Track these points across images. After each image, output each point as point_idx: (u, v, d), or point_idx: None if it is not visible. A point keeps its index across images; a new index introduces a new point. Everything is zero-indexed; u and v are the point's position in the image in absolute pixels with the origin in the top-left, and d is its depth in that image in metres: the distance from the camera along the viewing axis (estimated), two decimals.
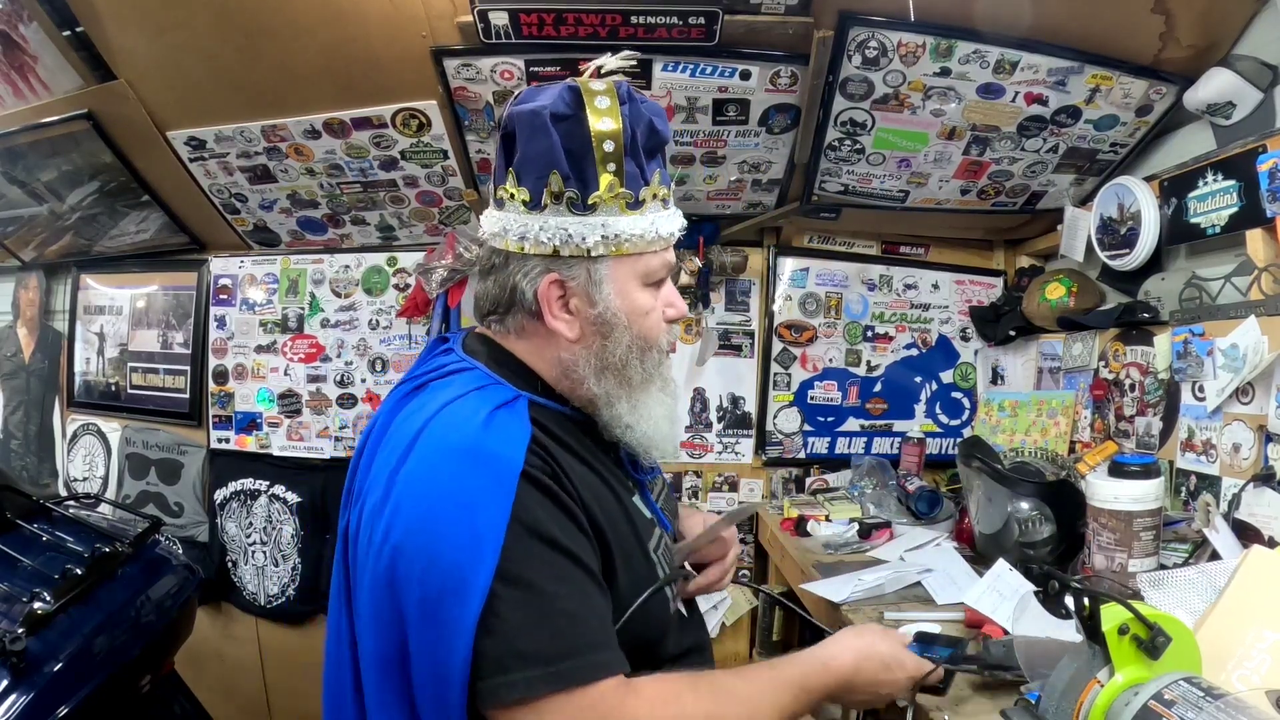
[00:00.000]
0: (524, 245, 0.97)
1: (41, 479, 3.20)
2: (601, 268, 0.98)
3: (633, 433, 1.02)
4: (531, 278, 0.98)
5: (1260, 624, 1.09)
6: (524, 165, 0.97)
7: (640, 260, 1.00)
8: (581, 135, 0.95)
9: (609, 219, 0.96)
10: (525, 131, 0.96)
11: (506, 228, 0.99)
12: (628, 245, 0.98)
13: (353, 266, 2.75)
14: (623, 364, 1.00)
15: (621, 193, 0.96)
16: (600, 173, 0.95)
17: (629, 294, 1.00)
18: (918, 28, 1.86)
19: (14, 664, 1.62)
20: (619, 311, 0.99)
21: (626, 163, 0.96)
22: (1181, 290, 1.90)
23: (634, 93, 1.00)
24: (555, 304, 0.99)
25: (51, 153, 2.52)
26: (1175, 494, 1.83)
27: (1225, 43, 1.84)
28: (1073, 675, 0.92)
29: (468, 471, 0.87)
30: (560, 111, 0.95)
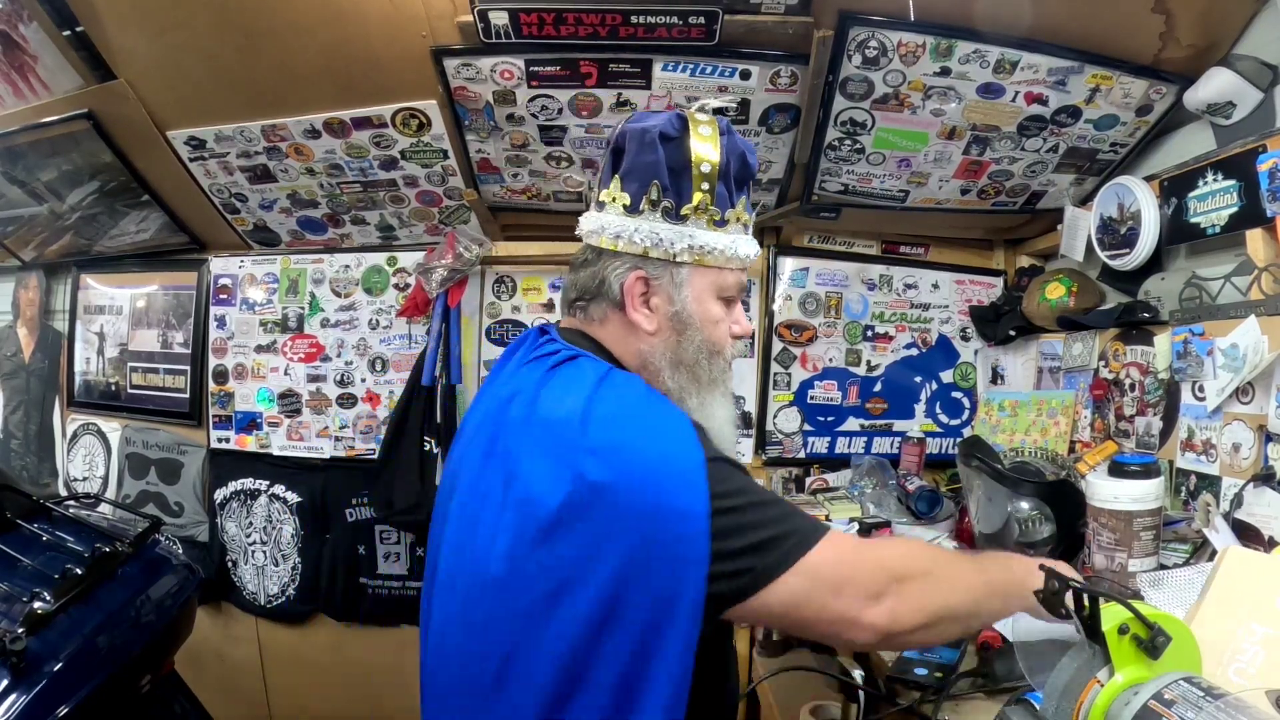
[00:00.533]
0: (617, 244, 1.10)
1: (41, 479, 3.20)
2: (683, 273, 1.10)
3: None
4: (619, 272, 1.10)
5: (1248, 619, 1.09)
6: (629, 174, 1.10)
7: (718, 274, 1.12)
8: (683, 155, 1.08)
9: (696, 231, 1.09)
10: (634, 145, 1.09)
11: (604, 226, 1.12)
12: (709, 258, 1.10)
13: (353, 266, 2.75)
14: (694, 362, 1.11)
15: (710, 210, 1.09)
16: (694, 189, 1.08)
17: (704, 301, 1.12)
18: (918, 27, 1.86)
19: (14, 664, 1.62)
20: (694, 314, 1.11)
21: (719, 185, 1.09)
22: (1181, 290, 1.89)
23: (732, 128, 1.12)
24: (637, 298, 1.10)
25: (51, 152, 2.52)
26: (1175, 494, 1.83)
27: (1225, 42, 1.84)
28: (1072, 675, 0.92)
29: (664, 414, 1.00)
30: (668, 133, 1.08)
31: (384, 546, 2.76)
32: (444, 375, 2.57)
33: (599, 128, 2.17)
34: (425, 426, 2.55)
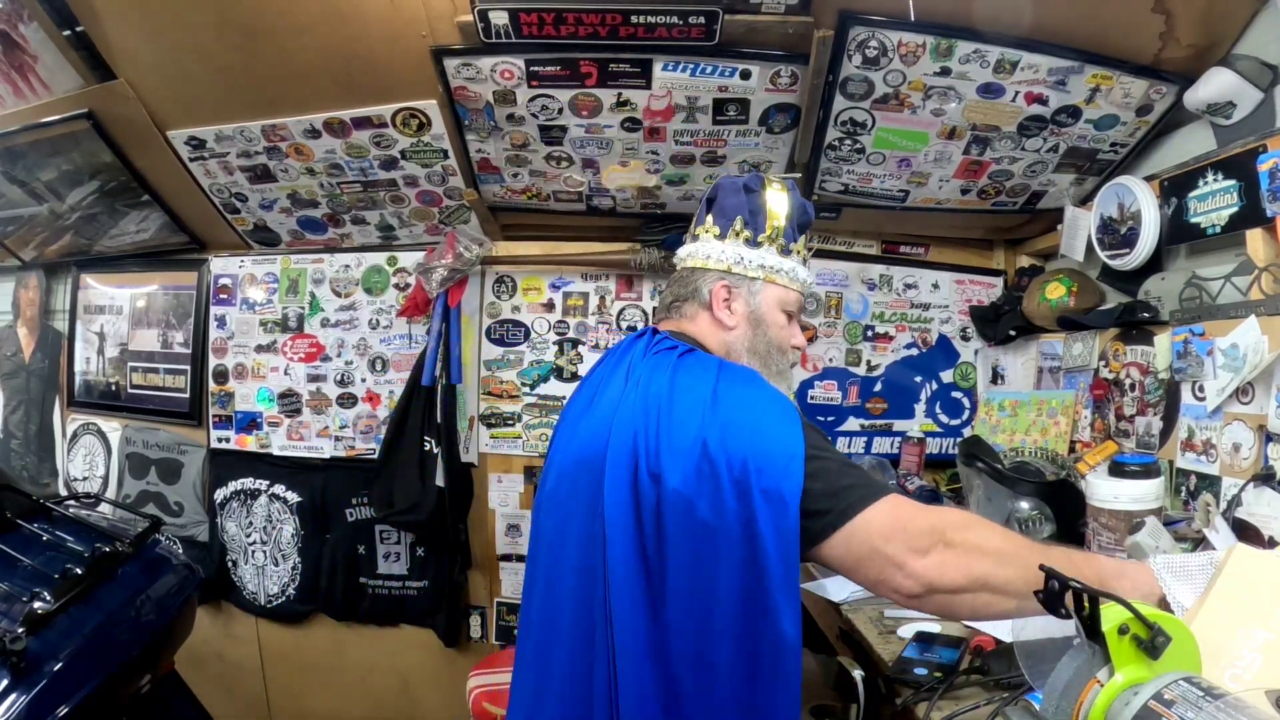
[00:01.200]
0: (708, 262, 1.39)
1: (41, 478, 3.20)
2: (758, 285, 1.39)
3: None
4: (709, 281, 1.39)
5: (1250, 623, 1.09)
6: (719, 212, 1.41)
7: (784, 291, 1.40)
8: (758, 204, 1.39)
9: (768, 256, 1.39)
10: (726, 192, 1.41)
11: (696, 251, 1.41)
12: (777, 276, 1.39)
13: (353, 266, 2.75)
14: (767, 350, 1.38)
15: (779, 241, 1.40)
16: (767, 225, 1.39)
17: (772, 309, 1.40)
18: (918, 27, 1.86)
19: (14, 663, 1.62)
20: (765, 316, 1.39)
21: (785, 225, 1.40)
22: (1181, 290, 1.89)
23: (796, 187, 1.45)
24: (721, 301, 1.38)
25: (51, 152, 2.52)
26: (1175, 494, 1.83)
27: (1225, 42, 1.84)
28: (1072, 675, 0.92)
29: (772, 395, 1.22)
30: (751, 186, 1.40)
31: (384, 546, 2.76)
32: (444, 375, 2.57)
33: (599, 127, 2.17)
34: (425, 426, 2.55)
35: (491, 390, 2.72)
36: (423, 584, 2.75)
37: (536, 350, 2.70)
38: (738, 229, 1.39)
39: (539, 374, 2.70)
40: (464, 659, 2.72)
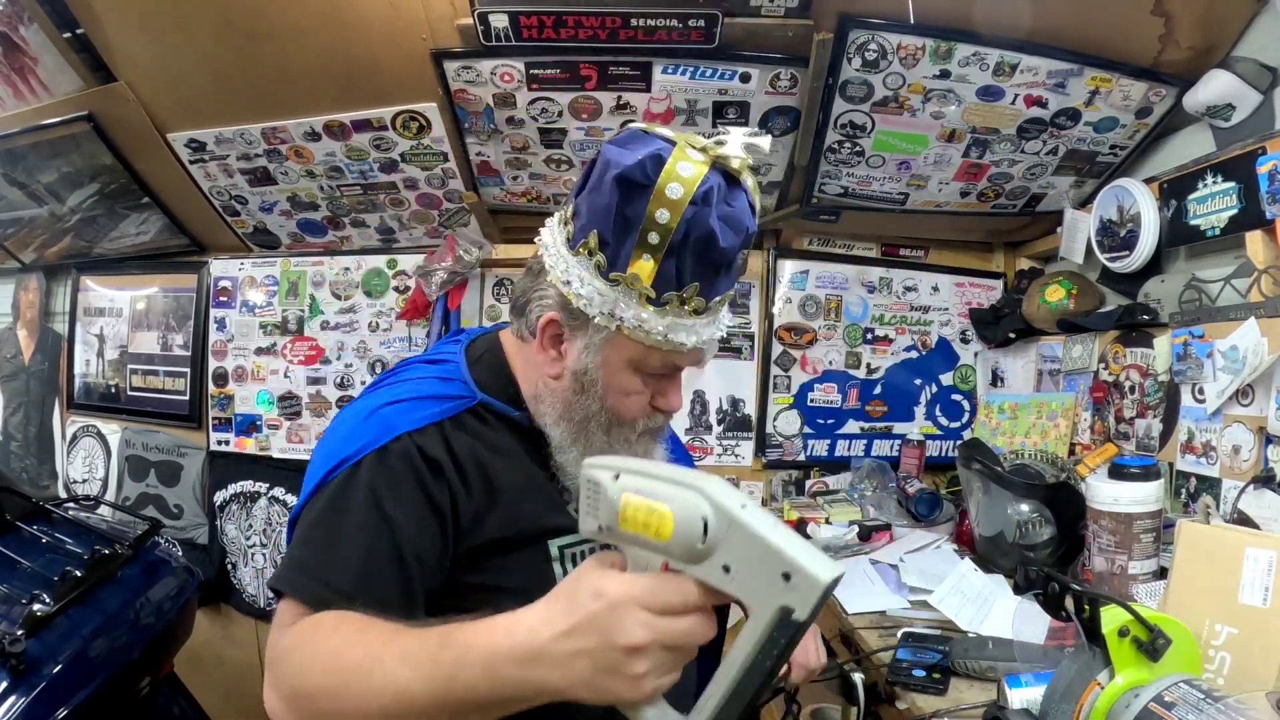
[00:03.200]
0: (551, 270, 0.98)
1: (41, 481, 3.20)
2: (599, 337, 0.97)
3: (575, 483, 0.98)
4: (541, 305, 1.00)
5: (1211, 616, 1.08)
6: (581, 205, 0.97)
7: (641, 349, 0.97)
8: (638, 211, 0.91)
9: (623, 300, 0.94)
10: (596, 177, 0.95)
11: (550, 244, 1.00)
12: (632, 333, 0.96)
13: (353, 269, 2.75)
14: (585, 423, 1.01)
15: (643, 288, 0.93)
16: (635, 256, 0.92)
17: (616, 372, 0.99)
18: (917, 30, 1.86)
19: (13, 665, 1.62)
20: (598, 381, 0.99)
21: (665, 261, 0.92)
22: (1181, 292, 1.90)
23: (716, 195, 0.92)
24: (548, 340, 1.01)
25: (52, 154, 2.52)
26: (1175, 496, 1.83)
27: (1224, 45, 1.84)
28: (1073, 677, 0.92)
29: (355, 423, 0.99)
30: (633, 178, 0.91)
31: None
32: None
33: (599, 130, 2.17)
34: None
35: None
36: None
37: None
38: (591, 246, 0.94)
39: None
40: None
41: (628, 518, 0.68)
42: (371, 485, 0.92)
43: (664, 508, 0.66)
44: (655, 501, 0.66)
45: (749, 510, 0.64)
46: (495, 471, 0.99)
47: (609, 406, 1.00)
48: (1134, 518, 1.56)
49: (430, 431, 0.97)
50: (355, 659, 0.79)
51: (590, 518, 0.72)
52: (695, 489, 0.65)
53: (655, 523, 0.66)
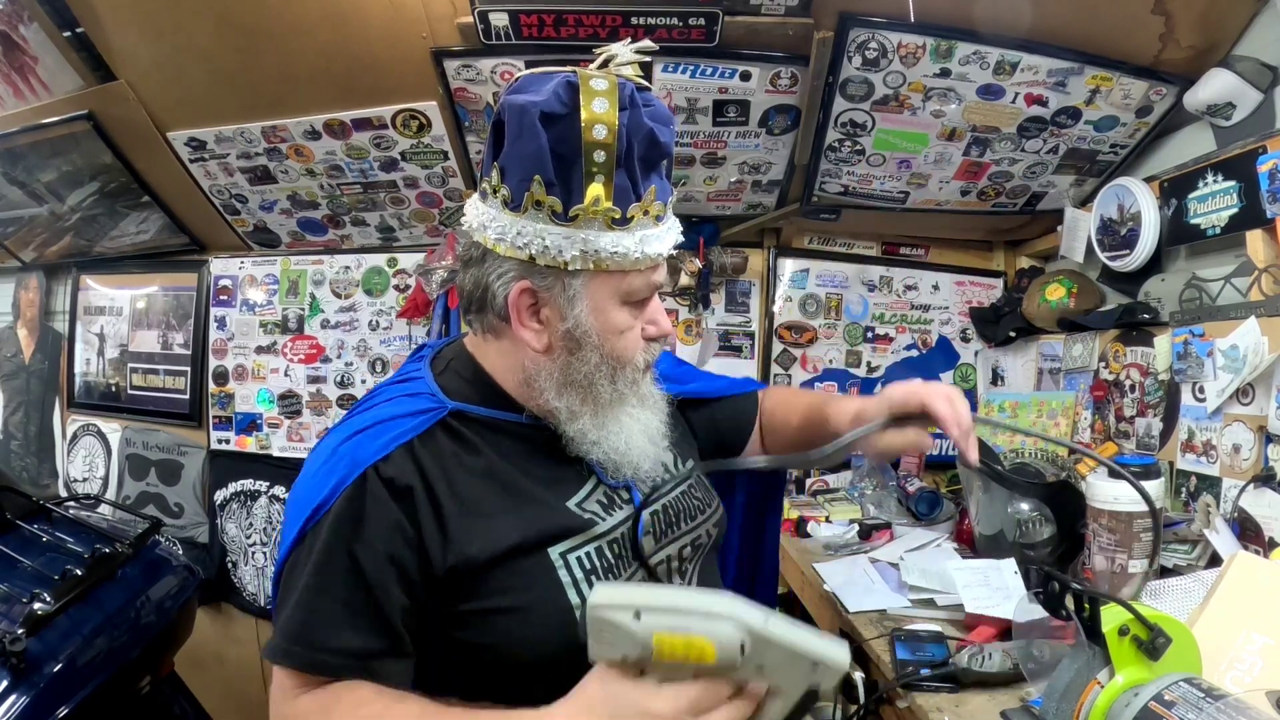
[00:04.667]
0: (500, 246, 0.93)
1: (41, 480, 3.20)
2: (577, 282, 0.93)
3: (599, 449, 1.00)
4: (504, 281, 0.94)
5: (1249, 627, 1.09)
6: (508, 162, 0.91)
7: (622, 279, 0.94)
8: (572, 140, 0.87)
9: (591, 234, 0.90)
10: (514, 127, 0.89)
11: (485, 223, 0.94)
12: (609, 263, 0.92)
13: (353, 267, 2.75)
14: (589, 381, 0.97)
15: (607, 208, 0.89)
16: (587, 183, 0.88)
17: (604, 311, 0.95)
18: (918, 29, 1.86)
19: (14, 664, 1.62)
20: (591, 329, 0.94)
21: (618, 175, 0.90)
22: (1181, 291, 1.89)
23: (638, 97, 0.92)
24: (525, 313, 0.95)
25: (52, 153, 2.52)
26: (1175, 495, 1.82)
27: (1225, 44, 1.84)
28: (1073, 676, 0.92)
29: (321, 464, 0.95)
30: (553, 110, 0.87)
31: None
32: None
33: None
34: None
35: None
36: None
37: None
38: (538, 195, 0.89)
39: None
40: None
41: (664, 653, 0.74)
42: (338, 533, 0.90)
43: (703, 640, 0.73)
44: (692, 635, 0.73)
45: (772, 623, 0.74)
46: (477, 487, 0.95)
47: (608, 353, 0.96)
48: (1134, 517, 1.55)
49: (396, 457, 0.93)
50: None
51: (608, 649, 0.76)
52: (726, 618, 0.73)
53: (696, 654, 0.73)
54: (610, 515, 1.02)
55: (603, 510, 1.02)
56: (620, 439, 1.00)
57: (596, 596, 0.76)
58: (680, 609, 0.74)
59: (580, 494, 1.02)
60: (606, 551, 1.00)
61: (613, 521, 1.02)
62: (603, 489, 1.04)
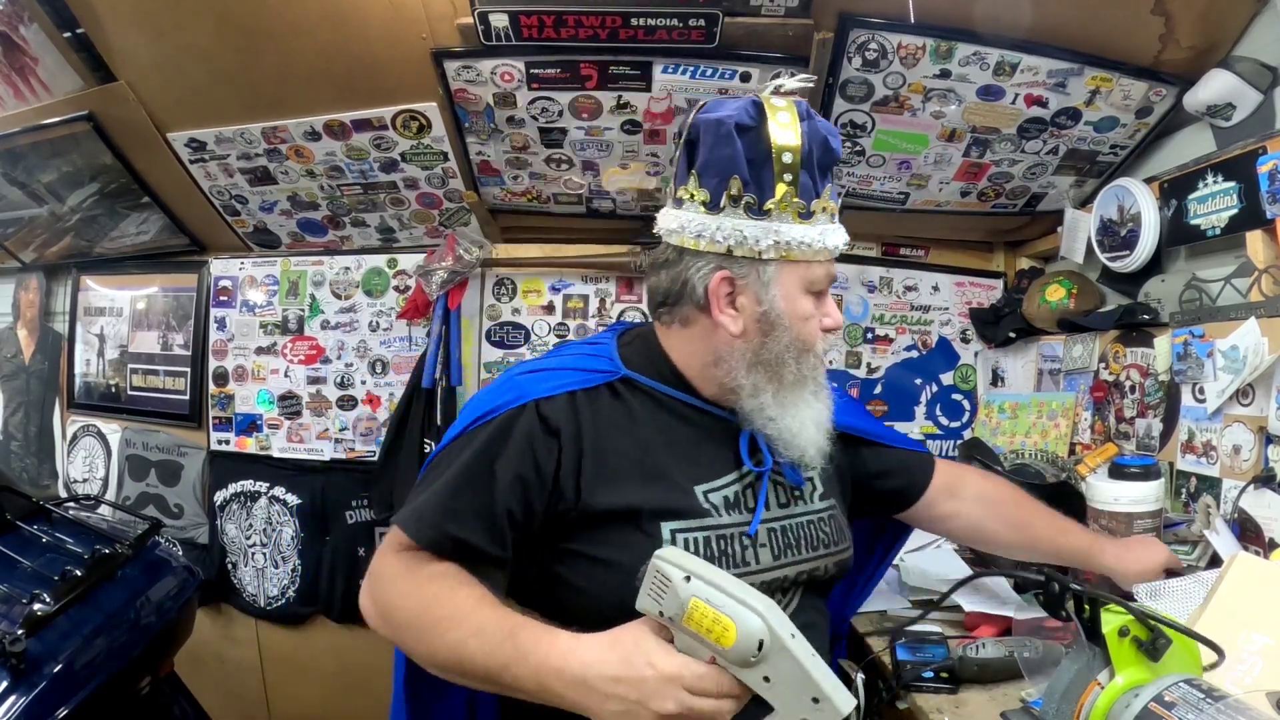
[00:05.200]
0: (699, 243, 1.05)
1: (41, 480, 3.19)
2: (770, 270, 1.05)
3: (774, 425, 1.09)
4: (704, 274, 1.06)
5: (1249, 627, 1.09)
6: (706, 169, 1.05)
7: (807, 269, 1.07)
8: (762, 146, 1.02)
9: (781, 225, 1.04)
10: (710, 138, 1.04)
11: (684, 225, 1.07)
12: (797, 252, 1.05)
13: (353, 268, 2.75)
14: (778, 361, 1.07)
15: (795, 202, 1.03)
16: (776, 182, 1.03)
17: (793, 298, 1.07)
18: (918, 29, 1.86)
19: (13, 665, 1.62)
20: (782, 313, 1.06)
21: (802, 175, 1.03)
22: (1182, 292, 1.90)
23: (811, 111, 1.06)
24: (723, 299, 1.06)
25: (52, 154, 2.52)
26: (1175, 495, 1.83)
27: (1225, 44, 1.84)
28: (1073, 677, 0.92)
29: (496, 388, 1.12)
30: (744, 122, 1.03)
31: None
32: (444, 377, 2.57)
33: (599, 130, 2.17)
34: (425, 429, 2.54)
35: None
36: None
37: (536, 353, 2.70)
38: (735, 193, 1.03)
39: None
40: None
41: (693, 619, 0.80)
42: (489, 442, 1.04)
43: (729, 621, 0.78)
44: (721, 614, 0.78)
45: (796, 640, 0.77)
46: (620, 447, 1.06)
47: (796, 336, 1.07)
48: (1134, 517, 1.56)
49: (559, 400, 1.06)
50: (442, 613, 0.95)
51: (652, 601, 0.83)
52: (757, 612, 0.77)
53: (719, 631, 0.78)
54: (730, 514, 1.09)
55: (725, 508, 1.09)
56: (795, 420, 1.09)
57: (665, 551, 0.85)
58: (724, 589, 0.80)
59: (715, 483, 1.10)
60: (715, 542, 1.07)
61: (730, 519, 1.09)
62: (737, 488, 1.11)
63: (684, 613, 0.80)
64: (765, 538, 1.11)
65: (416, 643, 0.98)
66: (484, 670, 0.91)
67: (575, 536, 1.05)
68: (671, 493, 1.06)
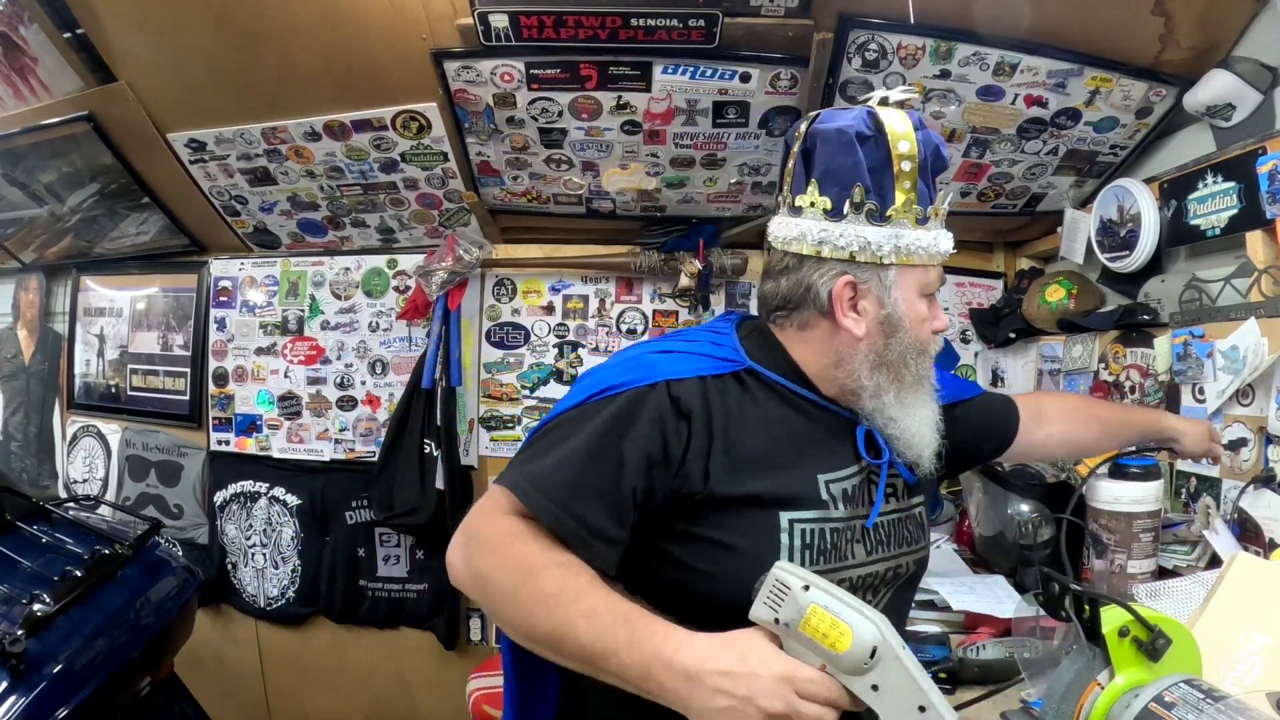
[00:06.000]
0: (821, 249, 1.08)
1: (41, 481, 3.20)
2: (891, 274, 1.08)
3: (896, 425, 1.11)
4: (827, 279, 1.08)
5: (1249, 628, 1.09)
6: (827, 177, 1.07)
7: (924, 273, 1.11)
8: (883, 155, 1.06)
9: (901, 231, 1.07)
10: (831, 148, 1.07)
11: (804, 233, 1.09)
12: (915, 257, 1.09)
13: (353, 269, 2.75)
14: (900, 362, 1.10)
15: (914, 209, 1.07)
16: (897, 189, 1.06)
17: (911, 302, 1.10)
18: (918, 30, 1.86)
19: (13, 665, 1.62)
20: (903, 316, 1.09)
21: (919, 182, 1.07)
22: (1181, 292, 1.89)
23: (923, 120, 1.10)
24: (846, 303, 1.08)
25: (52, 154, 2.52)
26: (1176, 496, 1.82)
27: (1225, 44, 1.84)
28: (1073, 678, 0.92)
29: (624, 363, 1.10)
30: (863, 132, 1.06)
31: (384, 549, 2.75)
32: (444, 378, 2.57)
33: (599, 130, 2.17)
34: (425, 429, 2.55)
35: (491, 393, 2.72)
36: (422, 587, 2.74)
37: (536, 353, 2.70)
38: (857, 200, 1.06)
39: (539, 377, 2.70)
40: (464, 662, 2.72)
41: (810, 625, 0.82)
42: (617, 418, 1.02)
43: (845, 626, 0.81)
44: (840, 619, 0.81)
45: (906, 652, 0.81)
46: (747, 435, 1.06)
47: (915, 338, 1.10)
48: (1134, 517, 1.56)
49: (690, 383, 1.05)
50: (551, 590, 0.92)
51: (768, 609, 0.86)
52: (873, 622, 0.80)
53: (835, 636, 0.81)
54: (845, 508, 1.10)
55: (843, 500, 1.10)
56: (915, 421, 1.12)
57: (784, 563, 0.87)
58: (842, 599, 0.83)
59: (837, 474, 1.11)
60: (828, 535, 1.08)
61: (843, 513, 1.10)
62: (856, 481, 1.12)
63: (802, 618, 0.83)
64: (861, 534, 1.13)
65: (513, 612, 0.96)
66: (587, 652, 0.90)
67: (696, 519, 1.05)
68: (794, 482, 1.08)
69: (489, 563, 0.98)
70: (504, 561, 0.97)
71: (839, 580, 1.05)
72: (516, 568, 0.96)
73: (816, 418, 1.12)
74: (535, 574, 0.94)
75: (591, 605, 0.91)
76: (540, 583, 0.93)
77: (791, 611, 0.83)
